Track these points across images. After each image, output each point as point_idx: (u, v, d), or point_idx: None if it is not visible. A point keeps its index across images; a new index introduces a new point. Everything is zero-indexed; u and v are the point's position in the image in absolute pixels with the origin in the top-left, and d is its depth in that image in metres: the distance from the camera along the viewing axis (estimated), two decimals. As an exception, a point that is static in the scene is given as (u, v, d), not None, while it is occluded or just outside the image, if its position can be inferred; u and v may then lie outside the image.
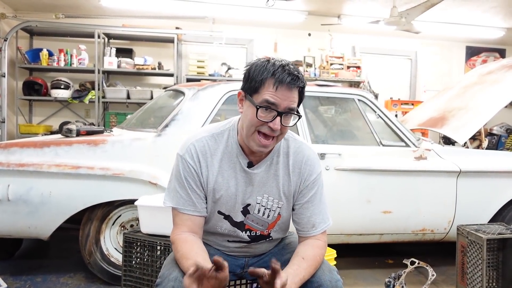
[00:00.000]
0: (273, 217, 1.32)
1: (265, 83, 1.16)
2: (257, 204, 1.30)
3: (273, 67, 1.17)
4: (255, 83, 1.18)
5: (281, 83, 1.15)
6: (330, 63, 5.97)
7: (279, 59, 1.21)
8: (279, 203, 1.31)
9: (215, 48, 5.80)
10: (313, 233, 1.30)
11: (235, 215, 1.30)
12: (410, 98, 6.65)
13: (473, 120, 3.05)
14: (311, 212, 1.31)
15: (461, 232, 2.39)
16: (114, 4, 5.16)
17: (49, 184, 2.31)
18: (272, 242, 1.41)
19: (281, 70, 1.16)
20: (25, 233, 2.38)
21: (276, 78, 1.15)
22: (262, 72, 1.17)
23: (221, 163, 1.27)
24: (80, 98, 5.30)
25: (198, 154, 1.26)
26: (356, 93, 2.87)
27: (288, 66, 1.18)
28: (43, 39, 5.63)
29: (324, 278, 1.24)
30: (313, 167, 1.31)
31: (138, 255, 2.04)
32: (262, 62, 1.20)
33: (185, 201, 1.26)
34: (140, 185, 2.36)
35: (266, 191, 1.29)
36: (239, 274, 1.42)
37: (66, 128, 2.54)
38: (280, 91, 1.16)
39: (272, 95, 1.16)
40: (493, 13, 5.39)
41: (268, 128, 1.17)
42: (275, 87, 1.15)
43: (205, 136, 1.28)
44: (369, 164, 2.66)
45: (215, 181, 1.27)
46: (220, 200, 1.28)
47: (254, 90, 1.18)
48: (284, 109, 1.17)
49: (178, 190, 1.26)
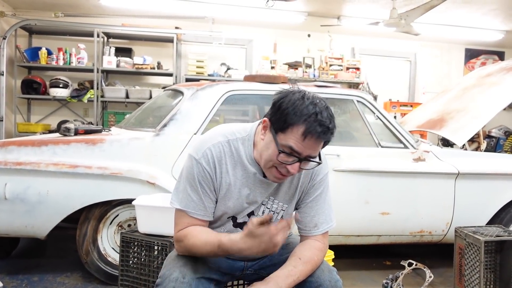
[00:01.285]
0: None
1: (294, 128, 1.10)
2: (262, 205, 1.29)
3: (308, 112, 1.09)
4: (283, 123, 1.11)
5: (311, 135, 1.10)
6: (329, 64, 5.98)
7: (316, 97, 1.14)
8: (283, 206, 1.31)
9: (215, 48, 5.80)
10: (314, 233, 1.30)
11: (240, 218, 1.30)
12: (409, 99, 6.66)
13: (472, 122, 3.05)
14: (315, 212, 1.31)
15: (459, 234, 2.39)
16: (113, 3, 5.15)
17: (47, 183, 2.30)
18: None
19: (313, 119, 1.09)
20: (22, 232, 2.37)
21: (307, 128, 1.09)
22: (294, 113, 1.10)
23: (234, 171, 1.24)
24: (78, 97, 5.30)
25: (215, 160, 1.22)
26: (355, 94, 2.87)
27: (321, 114, 1.10)
28: (42, 37, 5.62)
29: (323, 278, 1.23)
30: (321, 167, 1.29)
31: (136, 255, 2.04)
32: (298, 101, 1.11)
33: (196, 205, 1.23)
34: (138, 184, 2.36)
35: (273, 194, 1.29)
36: (238, 276, 1.41)
37: (64, 127, 2.54)
38: (307, 142, 1.11)
39: (298, 144, 1.11)
40: (492, 16, 5.40)
41: (285, 169, 1.15)
42: (304, 137, 1.10)
43: (222, 141, 1.24)
44: (367, 165, 2.66)
45: (228, 188, 1.25)
46: (230, 205, 1.27)
47: (281, 129, 1.12)
48: (305, 157, 1.14)
49: (189, 193, 1.23)
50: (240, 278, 1.45)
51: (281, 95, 1.16)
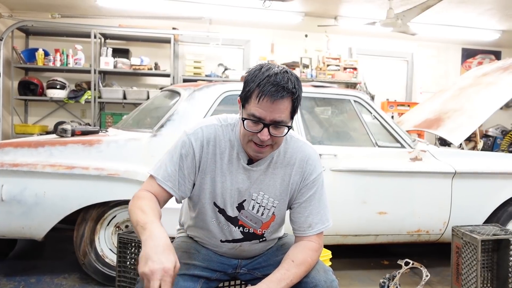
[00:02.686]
0: (267, 216, 1.31)
1: (252, 94, 1.13)
2: (252, 200, 1.29)
3: (262, 76, 1.12)
4: (246, 93, 1.16)
5: (263, 95, 1.11)
6: (326, 64, 5.99)
7: (274, 64, 1.17)
8: (274, 202, 1.30)
9: (212, 49, 5.80)
10: (308, 233, 1.28)
11: (229, 210, 1.29)
12: (406, 99, 6.67)
13: (469, 121, 3.06)
14: (309, 212, 1.29)
15: (456, 233, 2.39)
16: (110, 4, 5.14)
17: (43, 184, 2.30)
18: (265, 244, 1.39)
19: (266, 81, 1.11)
20: (19, 233, 2.36)
21: (260, 90, 1.11)
22: (251, 82, 1.14)
23: (222, 156, 1.26)
24: (76, 98, 5.28)
25: (204, 139, 1.24)
26: (352, 94, 2.88)
27: (275, 76, 1.11)
28: (39, 38, 5.60)
29: (319, 278, 1.23)
30: (314, 167, 1.30)
31: (133, 256, 2.04)
32: (256, 70, 1.16)
33: (168, 175, 1.22)
34: (135, 185, 2.35)
35: (262, 188, 1.28)
36: (231, 274, 1.41)
37: (61, 128, 2.53)
38: (263, 104, 1.11)
39: (257, 108, 1.12)
40: (488, 16, 5.42)
41: (257, 137, 1.16)
42: (258, 99, 1.11)
43: (216, 124, 1.27)
44: (364, 165, 2.66)
45: (214, 171, 1.26)
46: (216, 191, 1.27)
47: (245, 100, 1.16)
48: (270, 121, 1.13)
49: (166, 163, 1.24)
50: (234, 277, 1.44)
51: (247, 72, 1.20)
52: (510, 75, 3.31)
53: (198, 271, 1.29)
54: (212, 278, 1.34)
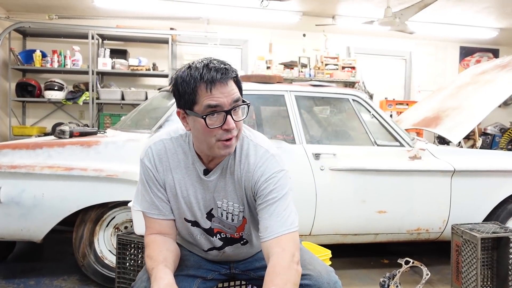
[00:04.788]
0: (239, 221, 1.28)
1: (198, 90, 1.10)
2: (218, 208, 1.26)
3: (198, 71, 1.10)
4: (189, 96, 1.11)
5: (213, 83, 1.09)
6: (325, 63, 5.99)
7: (200, 59, 1.14)
8: (239, 207, 1.25)
9: (210, 49, 5.79)
10: (268, 237, 1.14)
11: (201, 222, 1.28)
12: (404, 98, 6.68)
13: (467, 119, 3.06)
14: (268, 214, 1.17)
15: (456, 231, 2.39)
16: (107, 4, 5.14)
17: (42, 186, 2.29)
18: (249, 246, 1.35)
19: (207, 70, 1.09)
20: (17, 235, 2.35)
21: (206, 80, 1.08)
22: (189, 82, 1.10)
23: (178, 169, 1.23)
24: (74, 100, 5.27)
25: (155, 157, 1.23)
26: (351, 93, 2.87)
27: (212, 63, 1.11)
28: (36, 40, 5.59)
29: (322, 281, 1.21)
30: (265, 167, 1.20)
31: (132, 257, 2.03)
32: (184, 72, 1.12)
33: (150, 205, 1.24)
34: (134, 186, 2.31)
35: (224, 196, 1.24)
36: (227, 274, 1.40)
37: (59, 129, 2.52)
38: (215, 91, 1.09)
39: (211, 98, 1.09)
40: (486, 14, 5.43)
41: (224, 132, 1.11)
42: (209, 89, 1.09)
43: (164, 139, 1.25)
44: (363, 164, 2.66)
45: (174, 187, 1.24)
46: (181, 207, 1.25)
47: (191, 103, 1.11)
48: (229, 105, 1.11)
49: (143, 194, 1.25)
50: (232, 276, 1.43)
51: (172, 81, 1.16)
52: (508, 73, 3.31)
53: (192, 271, 1.30)
54: (208, 278, 1.34)
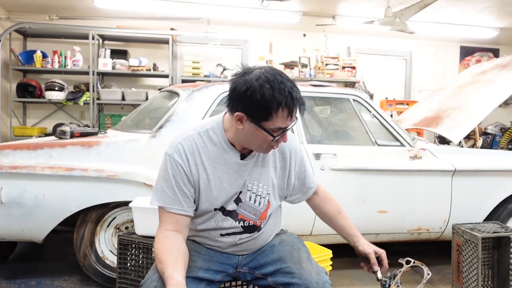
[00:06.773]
0: (264, 204, 1.34)
1: (278, 113, 1.16)
2: (248, 191, 1.32)
3: (282, 95, 1.15)
4: (266, 113, 1.16)
5: (292, 113, 1.19)
6: (325, 63, 5.99)
7: (278, 77, 1.17)
8: (268, 189, 1.35)
9: (210, 49, 5.80)
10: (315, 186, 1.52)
11: (229, 206, 1.32)
12: (405, 98, 6.68)
13: (468, 119, 3.06)
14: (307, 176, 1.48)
15: (457, 231, 2.39)
16: (108, 5, 5.14)
17: (43, 187, 2.29)
18: (263, 237, 1.41)
19: (291, 100, 1.16)
20: (18, 236, 2.36)
21: (289, 109, 1.17)
22: (271, 101, 1.15)
23: (209, 161, 1.28)
24: (74, 100, 5.28)
25: (187, 152, 1.26)
26: (351, 93, 2.87)
27: (293, 90, 1.17)
28: (37, 40, 5.60)
29: (311, 280, 1.25)
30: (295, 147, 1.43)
31: (133, 257, 2.03)
32: (263, 87, 1.14)
33: (172, 200, 1.26)
34: (134, 186, 2.35)
35: (256, 178, 1.33)
36: (233, 274, 1.41)
37: (59, 130, 2.52)
38: (285, 114, 1.18)
39: (285, 123, 1.19)
40: (486, 13, 5.43)
41: (278, 142, 1.25)
42: (287, 116, 1.18)
43: (192, 134, 1.29)
44: (364, 164, 2.66)
45: (207, 178, 1.27)
46: (213, 195, 1.29)
47: (263, 118, 1.17)
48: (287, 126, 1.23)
49: (165, 189, 1.26)
50: (235, 277, 1.44)
51: (242, 85, 1.18)
52: (508, 72, 3.31)
53: (200, 273, 1.30)
54: (215, 281, 1.34)
